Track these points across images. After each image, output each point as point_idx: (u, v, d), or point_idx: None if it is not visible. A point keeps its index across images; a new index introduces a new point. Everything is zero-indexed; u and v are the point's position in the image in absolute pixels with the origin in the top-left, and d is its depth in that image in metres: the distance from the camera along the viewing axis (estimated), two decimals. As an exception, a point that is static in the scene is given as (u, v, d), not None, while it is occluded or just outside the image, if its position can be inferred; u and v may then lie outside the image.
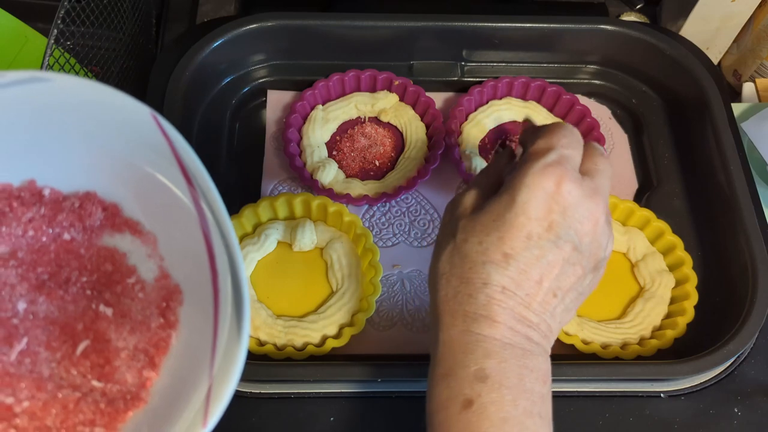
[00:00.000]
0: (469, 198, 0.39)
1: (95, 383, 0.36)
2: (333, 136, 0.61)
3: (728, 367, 0.51)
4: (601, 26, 0.62)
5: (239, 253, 0.33)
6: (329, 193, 0.56)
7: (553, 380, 0.49)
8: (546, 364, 0.36)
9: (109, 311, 0.37)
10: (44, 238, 0.37)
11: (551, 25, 0.62)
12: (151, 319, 0.37)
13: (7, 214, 0.36)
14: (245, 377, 0.41)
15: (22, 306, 0.36)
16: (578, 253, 0.36)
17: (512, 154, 0.43)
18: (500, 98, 0.63)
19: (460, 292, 0.36)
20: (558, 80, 0.64)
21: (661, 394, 0.50)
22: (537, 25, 0.62)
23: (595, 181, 0.37)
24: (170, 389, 0.36)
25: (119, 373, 0.36)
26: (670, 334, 0.51)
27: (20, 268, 0.37)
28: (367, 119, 0.62)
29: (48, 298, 0.37)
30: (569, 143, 0.37)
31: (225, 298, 0.34)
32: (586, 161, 0.38)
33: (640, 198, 0.60)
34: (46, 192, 0.37)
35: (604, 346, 0.51)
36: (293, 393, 0.49)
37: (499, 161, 0.43)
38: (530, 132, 0.40)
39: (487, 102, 0.63)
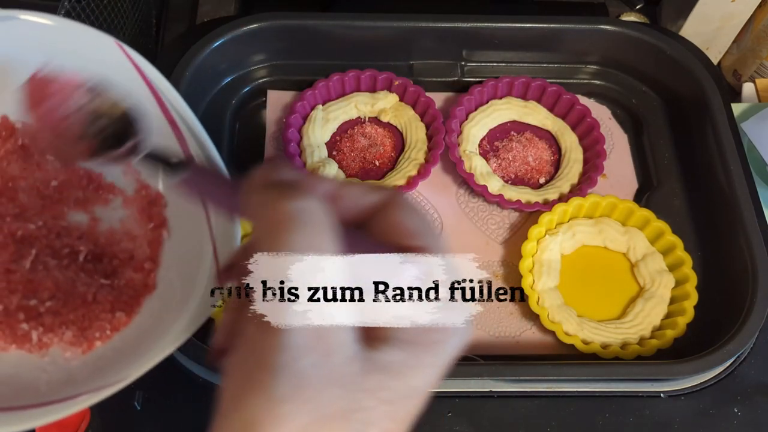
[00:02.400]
0: None
1: (103, 281, 0.39)
2: (333, 136, 0.61)
3: (728, 367, 0.51)
4: (601, 26, 0.62)
5: (208, 139, 0.39)
6: (329, 193, 0.56)
7: (553, 380, 0.50)
8: None
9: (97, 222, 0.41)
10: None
11: (551, 25, 0.62)
12: (139, 224, 0.41)
13: None
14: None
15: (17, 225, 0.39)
16: None
17: None
18: (501, 98, 0.63)
19: None
20: (558, 80, 0.64)
21: (661, 394, 0.50)
22: (537, 25, 0.62)
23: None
24: (176, 272, 0.39)
25: (123, 271, 0.40)
26: (670, 334, 0.51)
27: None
28: (367, 119, 0.62)
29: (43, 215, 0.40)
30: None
31: None
32: None
33: (640, 198, 0.60)
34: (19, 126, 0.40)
35: (604, 346, 0.51)
36: (293, 393, 0.49)
37: None
38: None
39: (487, 101, 0.63)
